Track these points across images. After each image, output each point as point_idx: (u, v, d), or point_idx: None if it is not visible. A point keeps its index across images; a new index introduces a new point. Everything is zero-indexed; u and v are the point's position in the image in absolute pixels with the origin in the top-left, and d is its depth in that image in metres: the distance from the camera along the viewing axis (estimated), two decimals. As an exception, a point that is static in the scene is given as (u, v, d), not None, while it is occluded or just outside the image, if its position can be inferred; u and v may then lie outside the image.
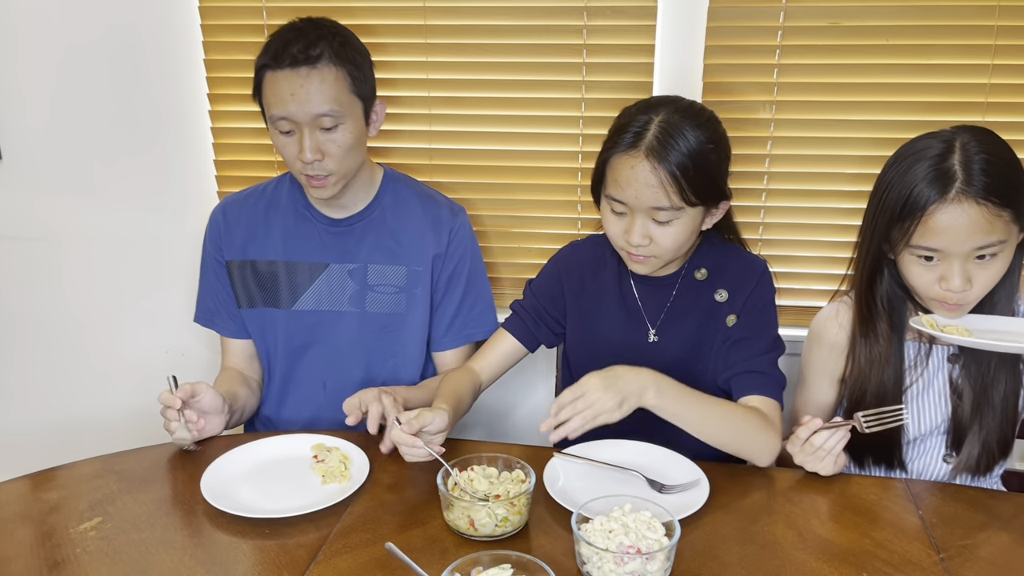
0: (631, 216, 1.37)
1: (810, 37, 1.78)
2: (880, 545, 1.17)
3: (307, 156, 1.47)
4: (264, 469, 1.37)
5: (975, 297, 1.32)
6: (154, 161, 2.05)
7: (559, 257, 1.62)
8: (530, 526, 1.21)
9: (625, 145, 1.34)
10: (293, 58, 1.44)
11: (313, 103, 1.45)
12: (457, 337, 1.70)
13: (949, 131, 1.33)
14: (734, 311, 1.48)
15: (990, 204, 1.24)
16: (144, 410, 2.22)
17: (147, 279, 2.14)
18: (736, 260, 1.52)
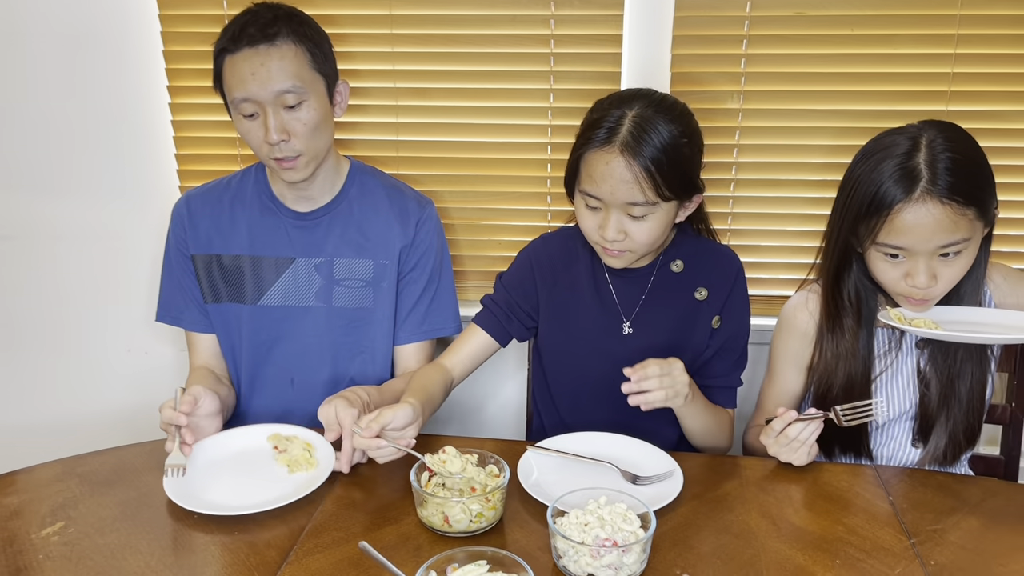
0: (606, 211, 1.37)
1: (777, 27, 1.78)
2: (852, 531, 1.18)
3: (272, 136, 1.45)
4: (226, 465, 1.34)
5: (940, 292, 1.33)
6: (113, 156, 2.00)
7: (530, 249, 1.60)
8: (505, 521, 1.20)
9: (599, 141, 1.33)
10: (251, 37, 1.42)
11: (274, 80, 1.43)
12: (417, 331, 1.67)
13: (916, 127, 1.33)
14: (715, 311, 1.50)
15: (954, 203, 1.25)
16: (106, 411, 2.18)
17: (108, 276, 2.09)
18: (712, 254, 1.53)
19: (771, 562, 1.11)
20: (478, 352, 1.58)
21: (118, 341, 2.14)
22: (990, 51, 1.75)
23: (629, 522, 1.09)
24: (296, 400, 1.65)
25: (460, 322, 1.71)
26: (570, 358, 1.55)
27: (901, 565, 1.10)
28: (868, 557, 1.12)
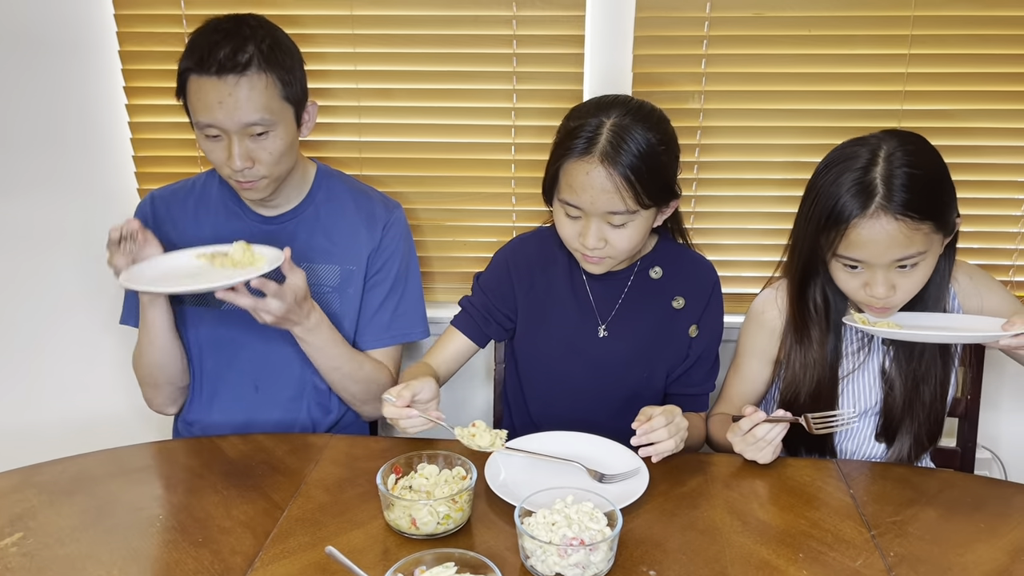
0: (586, 220, 1.37)
1: (736, 28, 1.80)
2: (815, 525, 1.20)
3: (236, 164, 1.43)
4: (168, 277, 1.38)
5: (900, 301, 1.36)
6: (70, 158, 1.96)
7: (507, 251, 1.60)
8: (473, 522, 1.20)
9: (578, 151, 1.33)
10: (220, 65, 1.37)
11: (242, 112, 1.39)
12: (383, 336, 1.65)
13: (878, 137, 1.34)
14: (693, 320, 1.51)
15: (908, 219, 1.26)
16: (65, 418, 2.14)
17: (66, 280, 2.05)
18: (689, 263, 1.54)
19: (736, 557, 1.12)
20: (459, 354, 1.58)
21: (77, 346, 2.10)
22: (943, 52, 1.79)
23: (596, 520, 1.09)
24: (260, 406, 1.63)
25: (427, 327, 1.69)
26: (545, 359, 1.55)
27: (862, 557, 1.12)
28: (830, 550, 1.14)
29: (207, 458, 1.38)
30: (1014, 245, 1.92)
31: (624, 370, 1.51)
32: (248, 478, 1.32)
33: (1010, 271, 1.94)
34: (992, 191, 1.88)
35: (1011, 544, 1.16)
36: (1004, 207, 1.90)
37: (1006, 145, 1.85)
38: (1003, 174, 1.87)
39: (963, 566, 1.11)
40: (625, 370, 1.51)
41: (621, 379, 1.52)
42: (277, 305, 1.38)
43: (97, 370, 2.11)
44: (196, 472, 1.34)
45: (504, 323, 1.58)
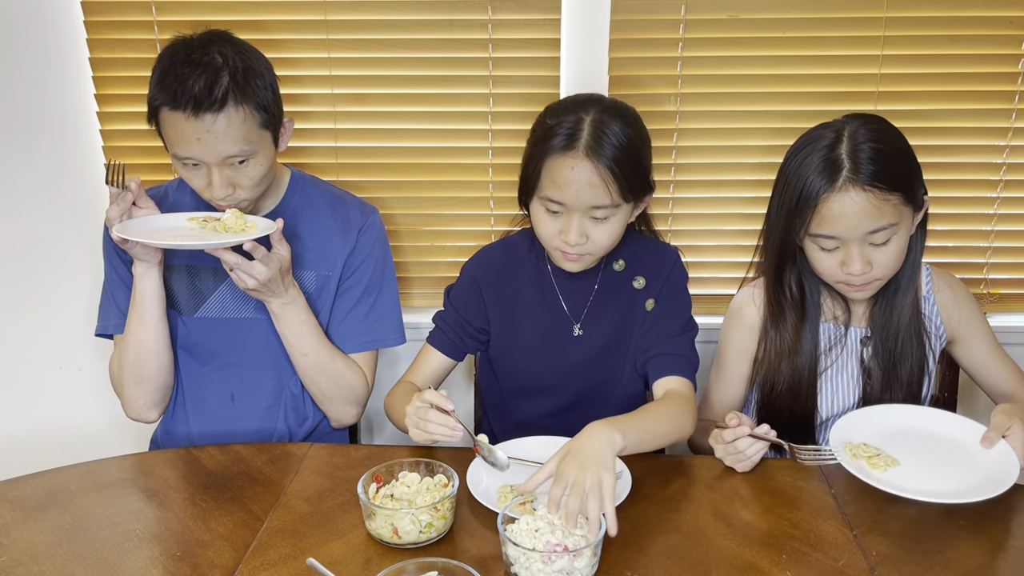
0: (567, 216, 1.37)
1: (711, 30, 1.81)
2: (796, 526, 1.20)
3: (217, 193, 1.42)
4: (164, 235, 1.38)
5: (878, 277, 1.37)
6: (41, 167, 1.93)
7: (473, 264, 1.59)
8: (455, 530, 1.19)
9: (561, 146, 1.34)
10: (196, 102, 1.33)
11: (221, 147, 1.37)
12: (357, 342, 1.62)
13: (842, 120, 1.38)
14: (651, 295, 1.51)
15: (876, 190, 1.29)
16: (38, 432, 2.11)
17: (39, 289, 2.02)
18: (651, 249, 1.55)
19: (720, 559, 1.12)
20: (439, 371, 1.57)
21: (50, 357, 2.06)
22: (915, 52, 1.81)
23: (579, 526, 1.09)
24: (238, 416, 1.61)
25: (404, 334, 1.67)
26: (522, 365, 1.55)
27: (845, 557, 1.13)
28: (813, 550, 1.14)
29: (184, 470, 1.36)
30: (987, 243, 1.94)
31: (600, 361, 1.52)
32: (227, 489, 1.30)
33: (984, 268, 1.96)
34: (965, 190, 1.90)
35: (991, 540, 1.17)
36: (977, 205, 1.92)
37: (979, 144, 1.87)
38: (976, 173, 1.90)
39: (944, 563, 1.11)
40: (600, 361, 1.52)
41: (597, 372, 1.53)
42: (261, 269, 1.38)
43: (71, 382, 2.08)
44: (173, 484, 1.32)
45: (479, 336, 1.57)
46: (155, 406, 1.61)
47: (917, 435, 1.32)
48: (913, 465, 1.25)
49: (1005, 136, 1.86)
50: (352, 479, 1.31)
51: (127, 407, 1.61)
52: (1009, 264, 1.96)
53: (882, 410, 1.37)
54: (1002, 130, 1.86)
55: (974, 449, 1.27)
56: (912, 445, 1.29)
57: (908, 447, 1.28)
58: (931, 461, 1.26)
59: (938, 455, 1.27)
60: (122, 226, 1.39)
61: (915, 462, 1.25)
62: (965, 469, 1.23)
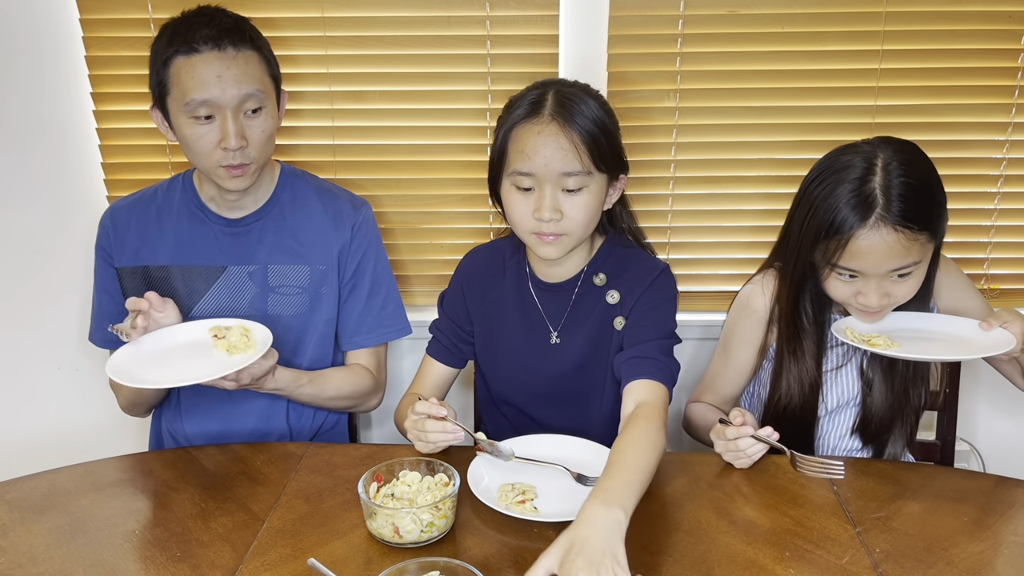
0: (539, 190, 1.33)
1: (710, 26, 1.80)
2: (799, 523, 1.19)
3: (232, 142, 1.41)
4: (168, 353, 1.38)
5: (892, 306, 1.37)
6: (37, 167, 1.92)
7: (459, 269, 1.59)
8: (457, 529, 1.18)
9: (526, 114, 1.33)
10: (215, 41, 1.38)
11: (240, 84, 1.40)
12: (370, 336, 1.65)
13: (871, 144, 1.34)
14: (623, 313, 1.44)
15: (908, 230, 1.27)
16: (36, 432, 2.10)
17: (36, 290, 2.01)
18: (635, 264, 1.47)
19: (722, 557, 1.12)
20: (442, 381, 1.57)
21: (47, 357, 2.05)
22: (915, 47, 1.80)
23: None
24: (235, 415, 1.60)
25: (408, 324, 1.69)
26: (504, 370, 1.54)
27: (848, 554, 1.12)
28: (816, 548, 1.14)
29: (183, 470, 1.36)
30: (987, 239, 1.94)
31: (579, 373, 1.48)
32: (226, 489, 1.30)
33: (984, 264, 1.95)
34: (965, 185, 1.90)
35: (994, 536, 1.16)
36: (977, 200, 1.91)
37: (979, 139, 1.87)
38: (976, 168, 1.89)
39: (948, 559, 1.11)
40: (580, 373, 1.48)
41: (578, 382, 1.49)
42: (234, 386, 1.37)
43: (69, 382, 2.07)
44: (172, 485, 1.31)
45: (471, 340, 1.56)
46: (147, 413, 1.67)
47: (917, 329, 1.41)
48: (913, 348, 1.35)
49: (1005, 131, 1.85)
50: (352, 478, 1.30)
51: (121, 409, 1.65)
52: (1010, 259, 1.95)
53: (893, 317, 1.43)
54: (1002, 125, 1.85)
55: (971, 336, 1.37)
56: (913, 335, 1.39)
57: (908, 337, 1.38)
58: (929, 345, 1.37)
59: (936, 342, 1.38)
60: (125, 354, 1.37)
61: (914, 345, 1.36)
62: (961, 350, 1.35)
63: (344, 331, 1.65)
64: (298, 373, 1.51)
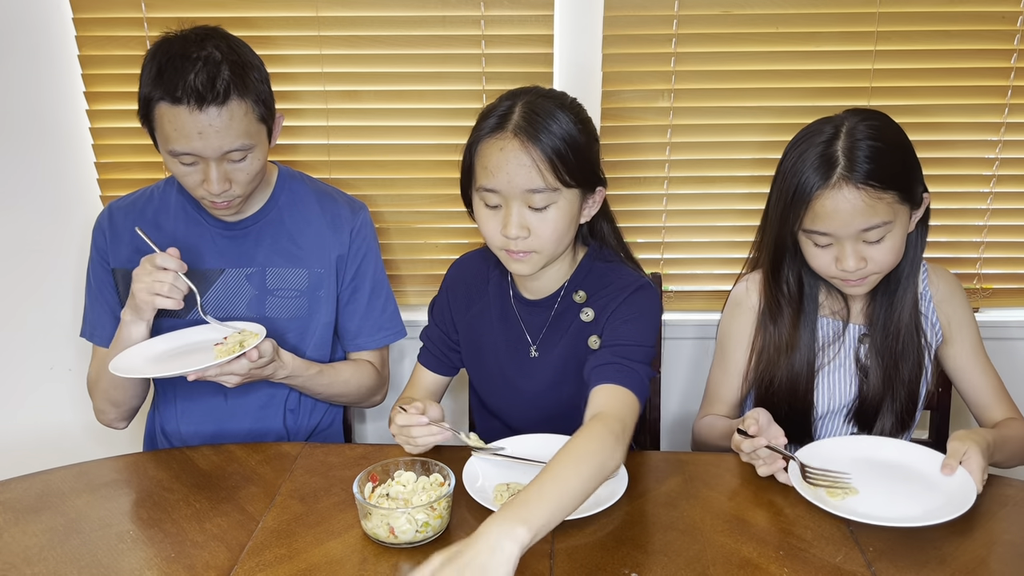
0: (506, 207, 1.30)
1: (704, 26, 1.81)
2: (794, 522, 1.20)
3: (215, 188, 1.40)
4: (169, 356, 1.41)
5: (873, 273, 1.36)
6: (30, 166, 1.91)
7: (447, 276, 1.58)
8: (452, 529, 1.18)
9: (490, 129, 1.29)
10: (198, 96, 1.32)
11: (224, 141, 1.36)
12: (372, 339, 1.66)
13: (841, 115, 1.37)
14: (597, 332, 1.40)
15: (870, 188, 1.28)
16: (28, 433, 2.09)
17: (29, 290, 2.00)
18: (614, 280, 1.42)
19: (717, 556, 1.12)
20: (434, 389, 1.56)
21: (40, 358, 2.05)
22: (908, 48, 1.81)
23: None
24: (230, 416, 1.60)
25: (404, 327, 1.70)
26: (488, 377, 1.52)
27: (842, 552, 1.13)
28: (810, 546, 1.14)
29: (177, 470, 1.35)
30: (980, 238, 1.94)
31: (557, 389, 1.46)
32: (221, 490, 1.29)
33: (977, 263, 1.96)
34: (958, 184, 1.91)
35: (986, 535, 1.17)
36: (970, 200, 1.92)
37: (972, 139, 1.87)
38: (969, 167, 1.90)
39: (941, 558, 1.11)
40: (558, 389, 1.46)
41: (555, 397, 1.47)
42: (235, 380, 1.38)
43: (61, 382, 2.06)
44: (166, 485, 1.31)
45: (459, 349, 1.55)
46: (124, 419, 1.65)
47: (876, 464, 1.30)
48: (872, 493, 1.24)
49: (998, 131, 1.86)
50: (347, 478, 1.30)
51: (97, 415, 1.64)
52: (1002, 259, 1.96)
53: (841, 442, 1.36)
54: (994, 125, 1.86)
55: (933, 476, 1.26)
56: (871, 474, 1.28)
57: (867, 476, 1.27)
58: (890, 488, 1.25)
59: (897, 483, 1.26)
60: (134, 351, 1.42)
61: (873, 490, 1.24)
62: (924, 495, 1.22)
63: (347, 333, 1.66)
64: (308, 362, 1.52)
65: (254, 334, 1.41)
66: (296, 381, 1.51)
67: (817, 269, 1.40)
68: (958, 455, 1.26)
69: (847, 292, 1.43)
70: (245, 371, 1.36)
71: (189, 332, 1.49)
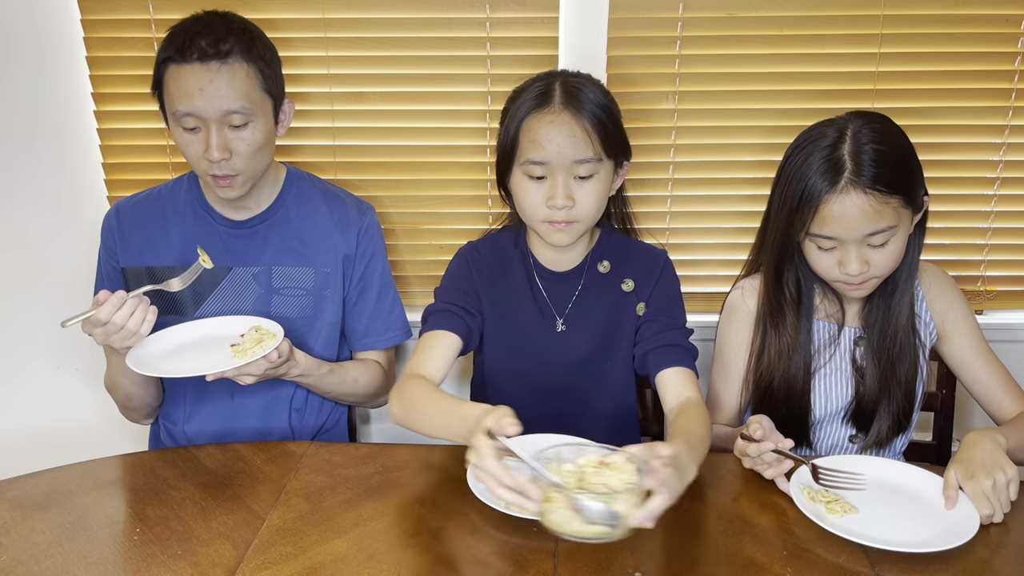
0: (552, 177, 1.37)
1: (709, 28, 1.81)
2: (797, 523, 1.20)
3: (214, 155, 1.41)
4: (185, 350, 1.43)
5: (875, 276, 1.36)
6: (38, 167, 1.92)
7: (462, 255, 1.57)
8: (457, 528, 1.19)
9: (536, 104, 1.37)
10: (202, 51, 1.38)
11: (223, 99, 1.39)
12: (380, 339, 1.68)
13: (844, 118, 1.37)
14: (642, 299, 1.50)
15: (877, 193, 1.29)
16: (36, 431, 2.10)
17: (36, 290, 2.01)
18: (637, 251, 1.54)
19: (721, 556, 1.12)
20: (450, 355, 1.44)
21: (47, 356, 2.06)
22: (913, 50, 1.81)
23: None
24: (237, 415, 1.61)
25: (409, 327, 1.71)
26: (509, 360, 1.53)
27: (845, 553, 1.13)
28: (815, 547, 1.14)
29: (184, 469, 1.36)
30: (984, 240, 1.94)
31: (586, 362, 1.50)
32: (227, 488, 1.30)
33: (981, 266, 1.96)
34: (962, 187, 1.91)
35: (990, 537, 1.17)
36: (974, 203, 1.92)
37: (976, 142, 1.88)
38: (974, 171, 1.90)
39: (944, 560, 1.11)
40: (586, 362, 1.50)
41: (584, 372, 1.51)
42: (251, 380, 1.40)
43: (68, 381, 2.07)
44: (173, 483, 1.32)
45: (480, 318, 1.51)
46: (148, 417, 1.68)
47: (878, 485, 1.28)
48: (871, 513, 1.21)
49: (1001, 134, 1.87)
50: (352, 477, 1.31)
51: (121, 412, 1.67)
52: (1006, 261, 1.96)
53: (846, 460, 1.34)
54: (998, 128, 1.86)
55: (935, 501, 1.24)
56: (872, 494, 1.26)
57: (868, 496, 1.26)
58: (890, 511, 1.23)
59: (898, 505, 1.24)
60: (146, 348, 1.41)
61: (873, 510, 1.22)
62: (924, 520, 1.21)
63: (355, 333, 1.67)
64: (320, 361, 1.53)
65: (272, 334, 1.41)
66: (308, 380, 1.52)
67: (819, 272, 1.40)
68: (953, 485, 1.22)
69: (848, 295, 1.43)
70: (261, 371, 1.38)
71: (204, 324, 1.49)
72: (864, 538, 1.13)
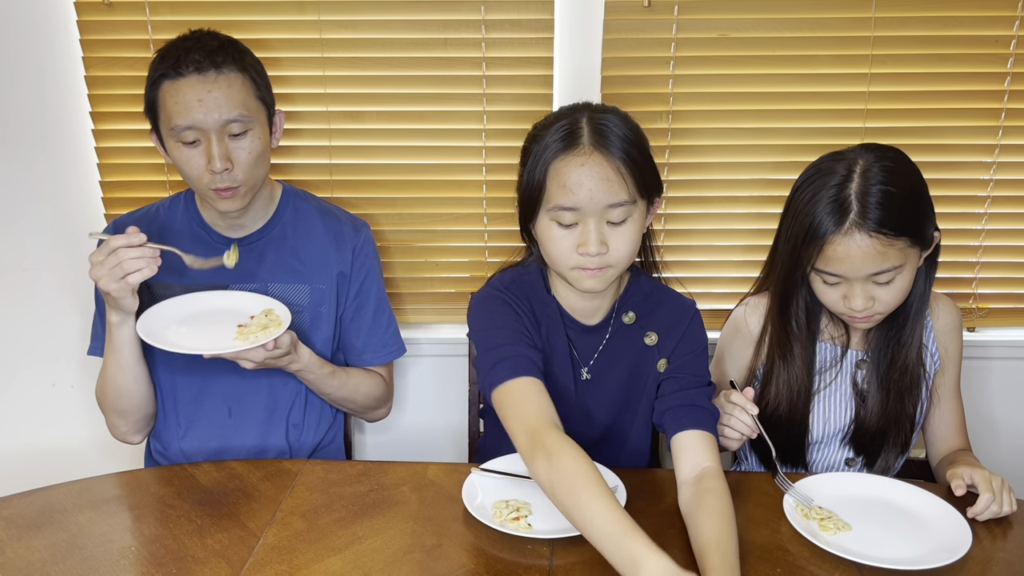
0: (583, 224, 1.26)
1: (702, 49, 1.83)
2: (791, 539, 1.21)
3: (217, 165, 1.43)
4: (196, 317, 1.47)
5: (880, 312, 1.37)
6: (35, 184, 1.93)
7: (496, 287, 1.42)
8: (451, 546, 1.19)
9: (564, 147, 1.25)
10: (198, 64, 1.41)
11: (222, 108, 1.42)
12: (377, 355, 1.69)
13: (855, 151, 1.35)
14: (664, 355, 1.42)
15: (882, 236, 1.28)
16: (31, 449, 2.10)
17: (33, 307, 2.01)
18: (665, 301, 1.45)
19: (715, 574, 1.13)
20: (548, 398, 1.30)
21: (42, 374, 2.06)
22: (903, 70, 1.84)
23: None
24: (234, 431, 1.61)
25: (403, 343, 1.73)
26: None
27: (839, 570, 1.13)
28: (808, 563, 1.15)
29: (179, 487, 1.36)
30: (976, 258, 1.96)
31: (608, 411, 1.46)
32: (222, 506, 1.30)
33: (972, 283, 1.98)
34: (953, 205, 1.93)
35: (982, 553, 1.18)
36: (966, 221, 1.94)
37: (967, 160, 1.90)
38: (964, 189, 1.92)
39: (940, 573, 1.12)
40: (609, 411, 1.46)
41: (604, 420, 1.46)
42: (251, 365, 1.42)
43: (64, 399, 2.07)
44: (168, 501, 1.32)
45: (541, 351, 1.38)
46: (138, 432, 1.64)
47: (871, 502, 1.30)
48: (864, 530, 1.23)
49: (992, 153, 1.88)
50: (347, 495, 1.31)
51: (111, 431, 1.64)
52: (997, 279, 1.98)
53: (839, 477, 1.37)
54: (989, 147, 1.88)
55: (927, 517, 1.26)
56: (865, 511, 1.27)
57: (861, 513, 1.27)
58: (883, 528, 1.24)
59: (891, 522, 1.25)
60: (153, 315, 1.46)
61: (866, 527, 1.23)
62: (917, 537, 1.22)
63: (353, 350, 1.68)
64: (323, 361, 1.55)
65: (278, 322, 1.44)
66: (309, 376, 1.54)
67: (826, 304, 1.41)
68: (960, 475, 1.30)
69: (853, 326, 1.45)
70: (260, 359, 1.40)
71: (218, 296, 1.53)
72: (857, 555, 1.14)
